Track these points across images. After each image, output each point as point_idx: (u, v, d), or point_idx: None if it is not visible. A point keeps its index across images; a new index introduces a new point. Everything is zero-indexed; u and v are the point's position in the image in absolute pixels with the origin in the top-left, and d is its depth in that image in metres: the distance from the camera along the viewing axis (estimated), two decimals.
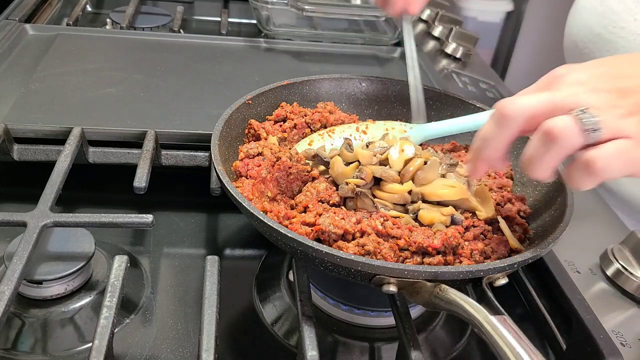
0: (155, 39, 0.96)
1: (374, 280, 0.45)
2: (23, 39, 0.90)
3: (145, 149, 0.65)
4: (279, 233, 0.45)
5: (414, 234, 0.49)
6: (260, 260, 0.65)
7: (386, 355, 0.56)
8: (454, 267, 0.46)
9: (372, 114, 0.70)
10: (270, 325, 0.57)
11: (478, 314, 0.41)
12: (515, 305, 0.62)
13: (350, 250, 0.47)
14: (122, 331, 0.54)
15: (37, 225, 0.52)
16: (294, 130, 0.65)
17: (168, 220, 0.69)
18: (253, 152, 0.59)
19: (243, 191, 0.53)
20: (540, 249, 0.47)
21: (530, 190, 0.60)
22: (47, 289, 0.53)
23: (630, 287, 0.59)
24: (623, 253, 0.61)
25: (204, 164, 0.69)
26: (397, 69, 0.98)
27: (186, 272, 0.62)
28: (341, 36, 1.08)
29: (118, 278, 0.51)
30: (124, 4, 1.12)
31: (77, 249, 0.55)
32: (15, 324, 0.53)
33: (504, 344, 0.39)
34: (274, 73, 0.89)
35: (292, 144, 0.64)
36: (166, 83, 0.82)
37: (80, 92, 0.76)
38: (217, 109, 0.63)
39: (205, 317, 0.47)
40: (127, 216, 0.55)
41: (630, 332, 0.54)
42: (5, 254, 0.53)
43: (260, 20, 1.04)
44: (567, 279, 0.57)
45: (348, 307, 0.57)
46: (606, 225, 0.69)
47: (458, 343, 0.58)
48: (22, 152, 0.66)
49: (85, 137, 0.67)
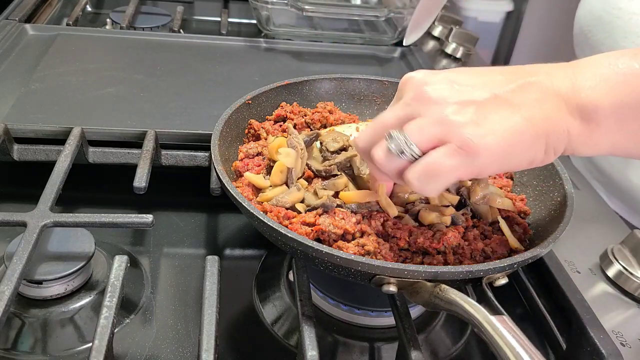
0: (155, 39, 0.96)
1: (374, 280, 0.45)
2: (23, 39, 0.90)
3: (145, 149, 0.65)
4: (279, 233, 0.45)
5: (414, 234, 0.49)
6: (260, 260, 0.65)
7: (386, 355, 0.56)
8: (454, 267, 0.46)
9: (372, 114, 0.70)
10: (270, 325, 0.57)
11: (478, 314, 0.41)
12: (515, 305, 0.62)
13: (350, 250, 0.47)
14: (122, 331, 0.54)
15: (37, 225, 0.52)
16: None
17: (168, 220, 0.69)
18: (253, 152, 0.59)
19: (243, 191, 0.53)
20: (540, 249, 0.47)
21: (530, 190, 0.60)
22: (47, 289, 0.53)
23: (630, 287, 0.59)
24: (623, 253, 0.61)
25: (204, 164, 0.69)
26: (397, 69, 0.98)
27: (186, 272, 0.62)
28: (341, 36, 1.08)
29: (118, 278, 0.51)
30: (124, 4, 1.12)
31: (77, 249, 0.55)
32: (15, 324, 0.53)
33: (503, 344, 0.39)
34: (274, 73, 0.89)
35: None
36: (166, 83, 0.82)
37: (80, 92, 0.76)
38: (217, 109, 0.63)
39: (205, 317, 0.47)
40: (127, 216, 0.55)
41: (630, 332, 0.54)
42: (5, 254, 0.53)
43: (260, 20, 1.04)
44: (567, 279, 0.57)
45: (348, 307, 0.57)
46: (606, 225, 0.69)
47: (458, 343, 0.58)
48: (22, 152, 0.66)
49: (85, 137, 0.67)
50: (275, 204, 0.51)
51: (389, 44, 1.06)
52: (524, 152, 0.42)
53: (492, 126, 0.41)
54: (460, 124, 0.41)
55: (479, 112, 0.41)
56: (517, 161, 0.43)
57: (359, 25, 1.14)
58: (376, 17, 1.07)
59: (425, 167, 0.42)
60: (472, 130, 0.41)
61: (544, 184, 0.58)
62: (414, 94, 0.44)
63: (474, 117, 0.41)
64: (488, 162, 0.41)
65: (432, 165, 0.42)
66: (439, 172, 0.42)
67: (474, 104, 0.42)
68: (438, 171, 0.42)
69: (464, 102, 0.42)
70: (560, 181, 0.56)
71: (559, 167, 0.57)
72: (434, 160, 0.42)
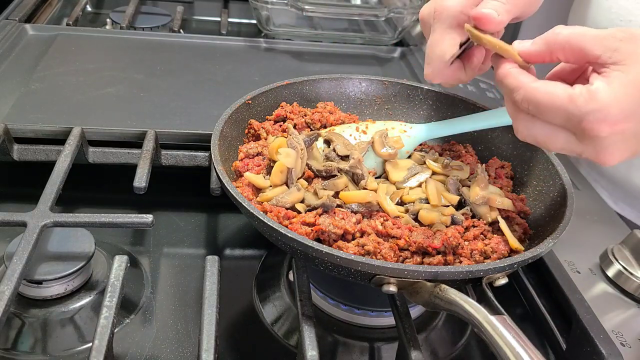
0: (155, 39, 0.96)
1: (374, 280, 0.45)
2: (23, 39, 0.90)
3: (145, 149, 0.65)
4: (279, 233, 0.45)
5: (414, 234, 0.49)
6: (260, 260, 0.65)
7: (386, 355, 0.56)
8: (454, 267, 0.46)
9: (372, 114, 0.70)
10: (270, 325, 0.57)
11: (478, 314, 0.41)
12: (515, 305, 0.62)
13: (350, 250, 0.47)
14: (122, 331, 0.54)
15: (37, 225, 0.52)
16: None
17: (168, 220, 0.69)
18: (253, 152, 0.59)
19: (243, 191, 0.53)
20: (540, 249, 0.47)
21: (530, 190, 0.60)
22: (47, 289, 0.53)
23: (630, 287, 0.59)
24: (623, 253, 0.61)
25: (204, 164, 0.69)
26: (397, 69, 0.98)
27: (186, 272, 0.62)
28: (341, 36, 1.08)
29: (118, 278, 0.51)
30: (124, 4, 1.12)
31: (77, 249, 0.55)
32: (15, 324, 0.53)
33: (503, 343, 0.39)
34: (274, 73, 0.89)
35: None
36: (166, 83, 0.82)
37: (80, 92, 0.76)
38: (217, 109, 0.63)
39: (205, 317, 0.47)
40: (127, 216, 0.55)
41: (630, 332, 0.54)
42: (5, 254, 0.53)
43: (260, 20, 1.04)
44: (567, 279, 0.57)
45: (348, 307, 0.57)
46: (606, 225, 0.69)
47: (458, 343, 0.58)
48: (22, 152, 0.66)
49: (85, 137, 0.67)
50: (275, 204, 0.51)
51: (389, 44, 1.06)
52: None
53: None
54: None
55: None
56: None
57: (359, 25, 1.14)
58: (376, 17, 1.07)
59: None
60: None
61: (544, 184, 0.58)
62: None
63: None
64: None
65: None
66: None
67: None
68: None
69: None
70: (560, 181, 0.56)
71: (559, 167, 0.57)
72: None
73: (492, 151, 0.65)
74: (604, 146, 0.42)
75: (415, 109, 0.69)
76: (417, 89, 0.69)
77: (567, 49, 0.43)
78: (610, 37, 0.41)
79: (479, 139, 0.65)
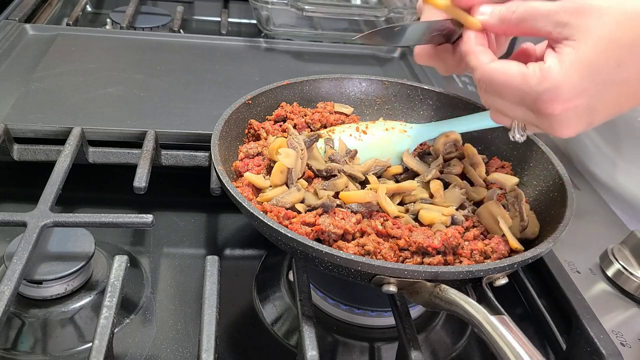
0: (155, 39, 0.96)
1: (374, 280, 0.45)
2: (23, 39, 0.90)
3: (145, 149, 0.65)
4: (279, 233, 0.45)
5: (414, 234, 0.49)
6: (260, 260, 0.65)
7: (386, 355, 0.56)
8: (454, 267, 0.46)
9: (372, 114, 0.70)
10: (270, 325, 0.57)
11: (478, 314, 0.41)
12: (515, 305, 0.62)
13: (350, 250, 0.47)
14: (122, 331, 0.54)
15: (37, 225, 0.52)
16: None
17: (168, 220, 0.69)
18: (253, 152, 0.59)
19: (243, 191, 0.53)
20: (540, 249, 0.47)
21: (530, 190, 0.60)
22: (47, 289, 0.53)
23: (630, 287, 0.59)
24: (623, 253, 0.61)
25: (204, 164, 0.69)
26: (397, 69, 0.98)
27: (186, 272, 0.62)
28: (341, 36, 1.08)
29: (118, 278, 0.51)
30: (124, 4, 1.12)
31: (77, 249, 0.55)
32: (15, 324, 0.53)
33: (503, 344, 0.39)
34: (274, 73, 0.89)
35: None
36: (166, 83, 0.82)
37: (80, 92, 0.76)
38: (217, 109, 0.63)
39: (205, 317, 0.47)
40: (127, 216, 0.55)
41: (630, 332, 0.54)
42: (5, 254, 0.53)
43: (260, 20, 1.04)
44: (567, 279, 0.57)
45: (348, 307, 0.57)
46: (606, 225, 0.69)
47: (458, 343, 0.58)
48: (22, 152, 0.66)
49: (85, 137, 0.67)
50: (275, 204, 0.51)
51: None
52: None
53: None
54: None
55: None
56: None
57: (359, 25, 1.14)
58: (376, 17, 1.07)
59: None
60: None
61: (544, 184, 0.58)
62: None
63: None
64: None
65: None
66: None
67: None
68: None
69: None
70: (560, 181, 0.56)
71: (559, 168, 0.57)
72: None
73: (492, 151, 0.65)
74: (559, 121, 0.43)
75: (415, 109, 0.69)
76: (417, 89, 0.69)
77: (520, 26, 0.44)
78: (561, 12, 0.42)
79: (479, 139, 0.65)
